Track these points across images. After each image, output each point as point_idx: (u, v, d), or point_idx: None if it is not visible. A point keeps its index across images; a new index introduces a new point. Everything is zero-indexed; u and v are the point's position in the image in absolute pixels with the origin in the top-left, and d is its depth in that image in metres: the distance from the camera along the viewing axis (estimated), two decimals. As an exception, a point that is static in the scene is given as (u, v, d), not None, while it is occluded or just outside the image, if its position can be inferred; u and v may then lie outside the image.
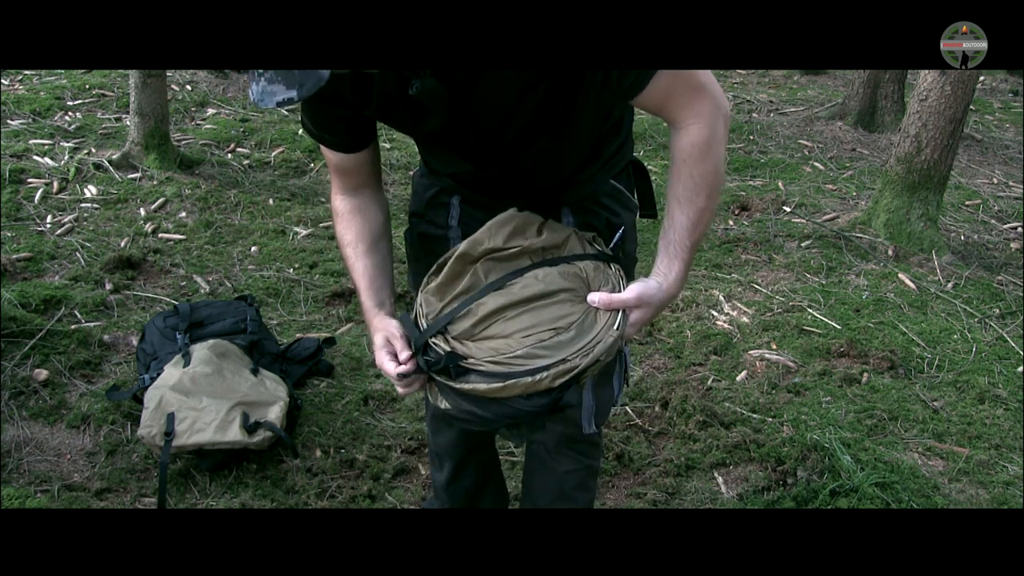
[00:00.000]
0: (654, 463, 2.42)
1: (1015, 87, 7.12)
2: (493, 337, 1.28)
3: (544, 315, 1.29)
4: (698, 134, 1.29)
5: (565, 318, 1.29)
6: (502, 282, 1.32)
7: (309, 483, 2.26)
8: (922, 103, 3.75)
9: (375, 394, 2.65)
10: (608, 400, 1.64)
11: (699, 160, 1.30)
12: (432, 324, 1.32)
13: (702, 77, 1.28)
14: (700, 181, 1.31)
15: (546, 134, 1.38)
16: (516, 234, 1.36)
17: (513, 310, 1.29)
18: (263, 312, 2.98)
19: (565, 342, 1.27)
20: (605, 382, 1.61)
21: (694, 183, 1.31)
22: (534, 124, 1.36)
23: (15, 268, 3.17)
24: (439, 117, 1.32)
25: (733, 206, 4.31)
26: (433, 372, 1.29)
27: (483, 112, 1.32)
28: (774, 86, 6.89)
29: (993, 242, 4.09)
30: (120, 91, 4.92)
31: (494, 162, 1.43)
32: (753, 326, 3.14)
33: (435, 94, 1.26)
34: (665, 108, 1.30)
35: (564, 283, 1.32)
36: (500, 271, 1.34)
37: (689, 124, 1.30)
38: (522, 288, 1.31)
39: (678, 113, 1.30)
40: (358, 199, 1.49)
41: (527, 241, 1.35)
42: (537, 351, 1.25)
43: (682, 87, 1.27)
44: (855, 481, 2.26)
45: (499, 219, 1.37)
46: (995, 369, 2.94)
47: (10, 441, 2.31)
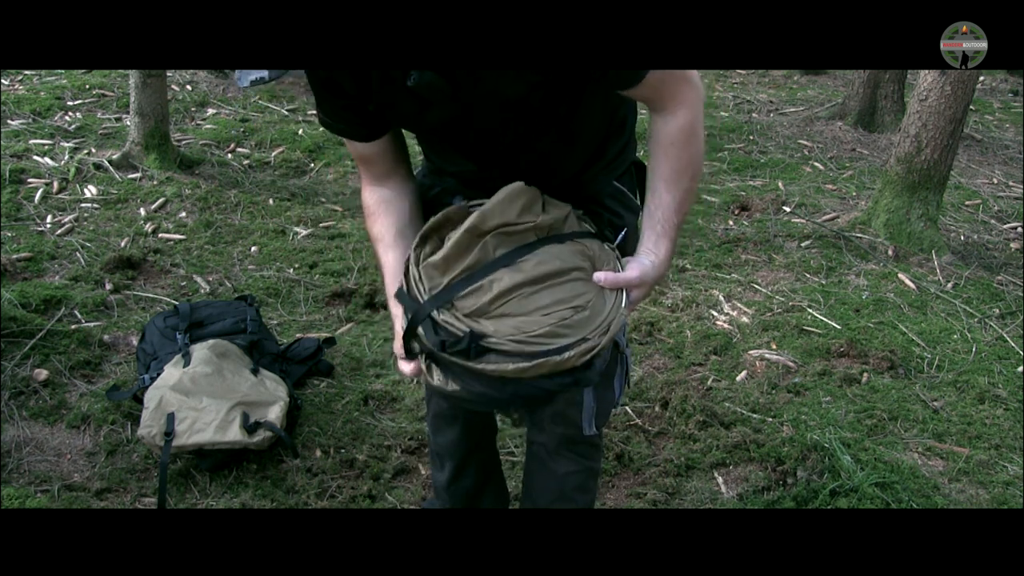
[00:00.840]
0: (654, 463, 2.42)
1: (1015, 87, 7.12)
2: (511, 315, 1.24)
3: (561, 293, 1.27)
4: (685, 119, 1.34)
5: (582, 296, 1.28)
6: (511, 258, 1.29)
7: (309, 483, 2.26)
8: (922, 103, 3.75)
9: (375, 394, 2.65)
10: (609, 402, 1.64)
11: (686, 143, 1.35)
12: (436, 296, 1.26)
13: (680, 72, 1.32)
14: (687, 163, 1.36)
15: (547, 136, 1.38)
16: (526, 209, 1.33)
17: (531, 287, 1.26)
18: (263, 312, 2.98)
19: (584, 320, 1.26)
20: (606, 383, 1.61)
21: (681, 165, 1.36)
22: (535, 125, 1.36)
23: (15, 268, 3.17)
24: (441, 110, 1.31)
25: (733, 206, 4.31)
26: (449, 352, 1.24)
27: (483, 110, 1.32)
28: (774, 86, 6.89)
29: (993, 242, 4.09)
30: (120, 91, 4.92)
31: (495, 162, 1.43)
32: (753, 326, 3.14)
33: (434, 87, 1.26)
34: (655, 98, 1.33)
35: (577, 261, 1.32)
36: (509, 246, 1.30)
37: (676, 110, 1.33)
38: (537, 265, 1.28)
39: (667, 101, 1.33)
40: (385, 190, 1.49)
41: (537, 218, 1.33)
42: (560, 329, 1.23)
43: (666, 81, 1.31)
44: (855, 481, 2.26)
45: (509, 192, 1.32)
46: (995, 369, 2.94)
47: (10, 441, 2.31)
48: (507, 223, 1.30)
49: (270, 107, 5.10)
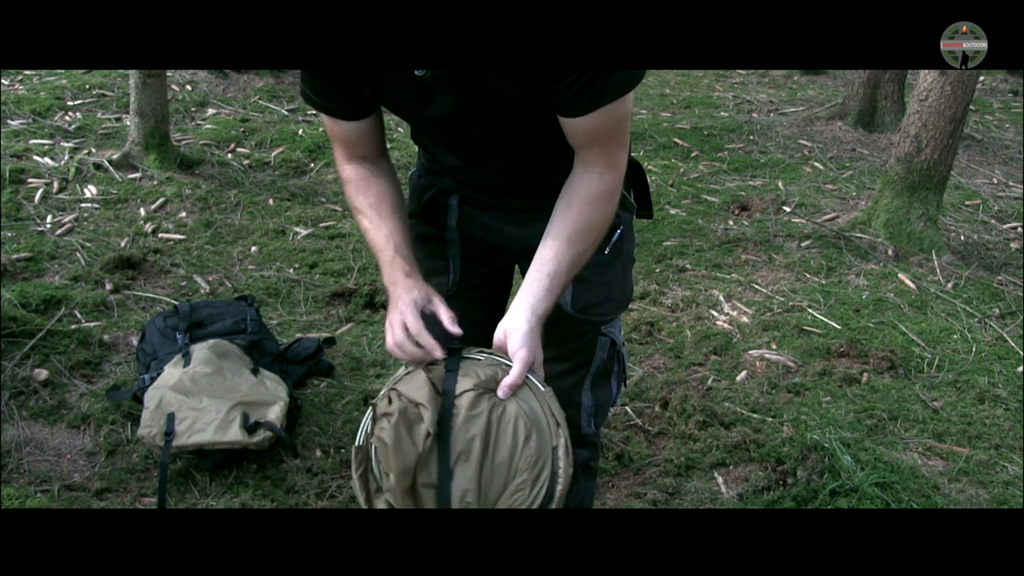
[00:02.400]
0: (654, 463, 2.42)
1: (1015, 87, 7.12)
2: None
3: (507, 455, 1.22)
4: (610, 184, 1.33)
5: (528, 443, 1.23)
6: (447, 471, 1.22)
7: (309, 483, 2.26)
8: (922, 103, 3.75)
9: (375, 394, 2.65)
10: (607, 400, 1.65)
11: (601, 206, 1.34)
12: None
13: (627, 136, 1.33)
14: (594, 225, 1.34)
15: (543, 136, 1.38)
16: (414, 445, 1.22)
17: (487, 474, 1.22)
18: (263, 312, 2.98)
19: (541, 446, 1.23)
20: (603, 383, 1.62)
21: (590, 226, 1.34)
22: (532, 125, 1.36)
23: (15, 268, 3.17)
24: (442, 102, 1.30)
25: (733, 206, 4.31)
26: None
27: (482, 107, 1.31)
28: (774, 86, 6.89)
29: (993, 242, 4.09)
30: (120, 91, 4.92)
31: (489, 157, 1.43)
32: (753, 326, 3.14)
33: (440, 79, 1.26)
34: (590, 146, 1.31)
35: (480, 425, 1.22)
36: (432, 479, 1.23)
37: (605, 172, 1.32)
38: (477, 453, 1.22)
39: (599, 158, 1.32)
40: (370, 166, 1.46)
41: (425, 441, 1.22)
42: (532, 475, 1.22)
43: (615, 135, 1.30)
44: (855, 481, 2.26)
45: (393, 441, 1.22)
46: (995, 369, 2.94)
47: (10, 441, 2.31)
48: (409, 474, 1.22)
49: (270, 107, 5.10)
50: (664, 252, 3.71)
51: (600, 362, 1.58)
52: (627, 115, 1.31)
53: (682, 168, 4.84)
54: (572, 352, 1.56)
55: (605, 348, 1.58)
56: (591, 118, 1.27)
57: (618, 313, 1.59)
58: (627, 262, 1.59)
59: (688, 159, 5.02)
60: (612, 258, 1.51)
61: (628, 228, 1.57)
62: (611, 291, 1.55)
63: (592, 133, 1.30)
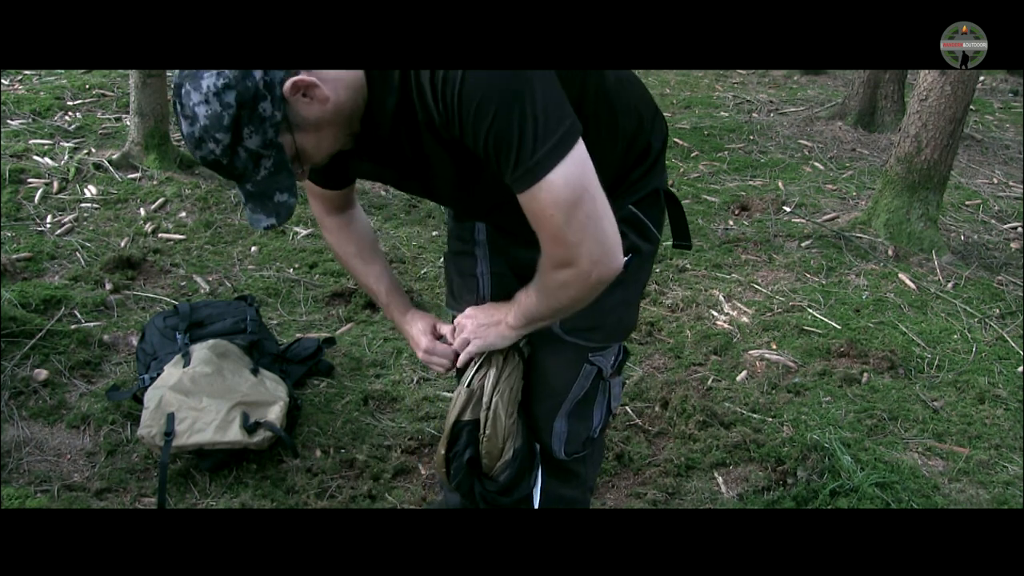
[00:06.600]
0: (654, 463, 2.42)
1: (1015, 87, 7.12)
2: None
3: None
4: (570, 277, 1.25)
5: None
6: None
7: (309, 483, 2.26)
8: (922, 103, 3.75)
9: (375, 394, 2.65)
10: (585, 430, 1.60)
11: (562, 293, 1.29)
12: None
13: (572, 236, 1.18)
14: (561, 307, 1.34)
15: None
16: None
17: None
18: (263, 312, 2.98)
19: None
20: (583, 412, 1.58)
21: (554, 307, 1.35)
22: (502, 188, 1.35)
23: (15, 268, 3.17)
24: (412, 184, 1.40)
25: (733, 206, 4.31)
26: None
27: (444, 184, 1.35)
28: (774, 86, 6.89)
29: (993, 242, 4.09)
30: (120, 91, 4.92)
31: (488, 216, 1.51)
32: (753, 326, 3.14)
33: (387, 175, 1.38)
34: (538, 231, 1.21)
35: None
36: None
37: (558, 266, 1.25)
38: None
39: (548, 247, 1.23)
40: (346, 215, 1.59)
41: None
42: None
43: (559, 231, 1.18)
44: (855, 481, 2.26)
45: None
46: (995, 369, 2.94)
47: (10, 441, 2.31)
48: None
49: (270, 107, 5.10)
50: (664, 252, 3.71)
51: (580, 391, 1.55)
52: (568, 210, 1.15)
53: (682, 168, 4.84)
54: (553, 374, 1.54)
55: (589, 377, 1.54)
56: (522, 199, 1.19)
57: (610, 343, 1.54)
58: (629, 292, 1.51)
59: (688, 159, 5.02)
60: (613, 285, 1.33)
61: (644, 258, 1.50)
62: (604, 319, 1.48)
63: (532, 218, 1.20)
